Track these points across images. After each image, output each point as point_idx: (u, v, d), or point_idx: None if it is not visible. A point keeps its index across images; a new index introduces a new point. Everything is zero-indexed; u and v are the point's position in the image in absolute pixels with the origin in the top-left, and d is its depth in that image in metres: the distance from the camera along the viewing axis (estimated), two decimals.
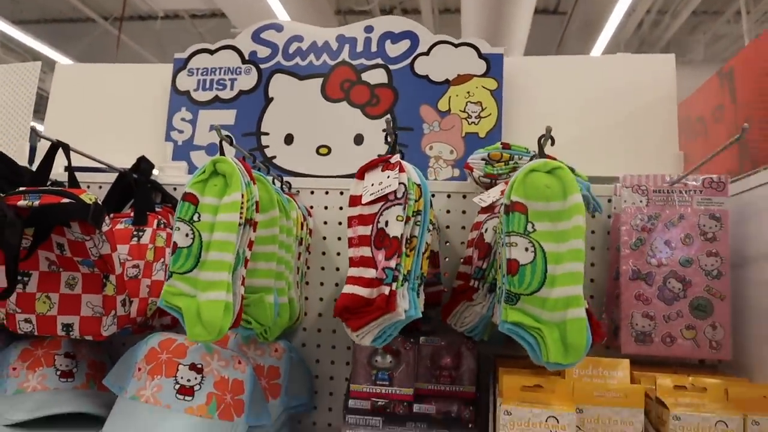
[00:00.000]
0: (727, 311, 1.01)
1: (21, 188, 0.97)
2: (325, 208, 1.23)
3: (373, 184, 0.83)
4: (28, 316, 1.01)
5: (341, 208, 1.22)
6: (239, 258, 0.86)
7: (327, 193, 1.23)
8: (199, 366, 0.93)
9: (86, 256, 0.98)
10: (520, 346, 0.77)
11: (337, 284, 1.21)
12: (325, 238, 1.22)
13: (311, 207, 1.23)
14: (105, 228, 0.95)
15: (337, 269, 1.21)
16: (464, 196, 1.18)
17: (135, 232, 1.14)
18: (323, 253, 1.22)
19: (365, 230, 0.82)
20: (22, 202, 0.92)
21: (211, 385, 0.92)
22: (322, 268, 1.22)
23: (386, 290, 0.78)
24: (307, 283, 1.22)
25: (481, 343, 1.01)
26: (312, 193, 1.23)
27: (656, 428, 0.86)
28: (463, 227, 1.17)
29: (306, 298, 1.21)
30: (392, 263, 0.79)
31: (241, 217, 0.85)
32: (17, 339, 1.20)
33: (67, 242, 0.98)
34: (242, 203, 0.85)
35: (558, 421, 0.78)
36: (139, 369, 0.94)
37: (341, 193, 1.22)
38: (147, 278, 1.10)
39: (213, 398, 0.92)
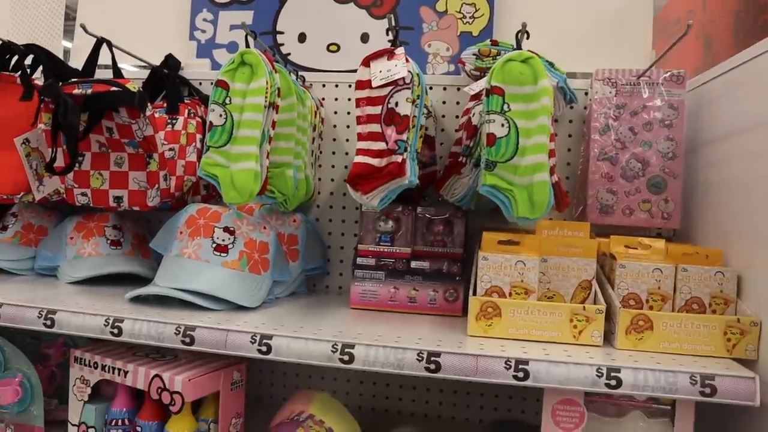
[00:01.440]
0: (678, 188, 1.18)
1: (74, 79, 1.13)
2: (335, 99, 1.38)
3: (381, 71, 0.98)
4: (84, 190, 1.20)
5: (349, 100, 1.37)
6: (264, 135, 1.03)
7: (337, 86, 1.38)
8: (232, 229, 1.12)
9: (132, 137, 1.15)
10: (503, 218, 0.95)
11: (346, 167, 1.38)
12: (335, 126, 1.39)
13: (323, 99, 1.38)
14: (148, 112, 1.12)
15: (346, 153, 1.38)
16: (458, 89, 1.33)
17: (169, 120, 1.30)
18: (334, 140, 1.39)
19: (374, 110, 0.99)
20: (77, 91, 1.08)
21: (242, 244, 1.11)
22: (333, 153, 1.39)
23: (398, 159, 0.95)
24: (320, 165, 1.39)
25: (470, 214, 1.19)
26: (323, 86, 1.38)
27: (607, 277, 1.05)
28: (457, 116, 1.33)
29: (319, 179, 1.39)
30: (404, 136, 0.96)
31: (265, 100, 1.01)
32: (70, 215, 1.39)
33: (115, 126, 1.15)
34: (266, 88, 1.01)
35: (525, 265, 0.97)
36: (181, 233, 1.12)
37: (349, 86, 1.37)
38: (182, 159, 1.27)
39: (244, 255, 1.11)
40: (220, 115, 1.02)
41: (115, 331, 0.97)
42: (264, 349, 0.91)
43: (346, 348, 0.88)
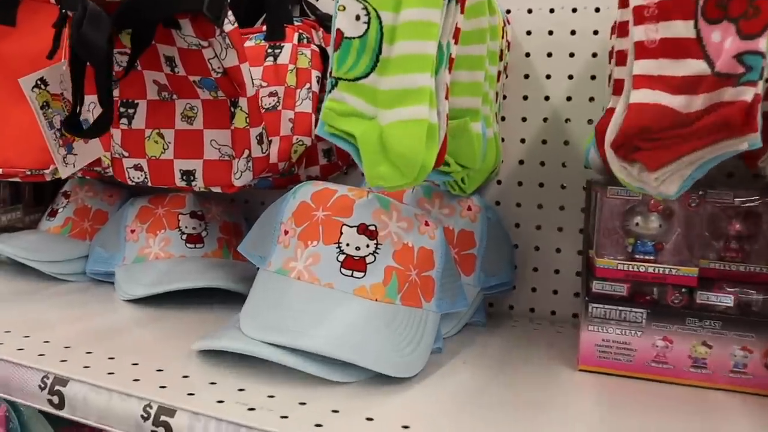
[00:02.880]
0: None
1: None
2: (529, 11, 0.85)
3: None
4: (138, 161, 0.75)
5: (552, 11, 0.84)
6: (443, 53, 0.52)
7: None
8: (372, 228, 0.63)
9: (206, 72, 0.68)
10: None
11: (545, 119, 0.85)
12: (528, 54, 0.86)
13: (508, 12, 0.85)
14: (228, 27, 0.64)
15: (546, 98, 0.85)
16: None
17: (269, 50, 0.83)
18: (526, 77, 0.86)
19: None
20: None
21: (389, 255, 0.63)
22: (525, 98, 0.86)
23: (746, 94, 0.42)
24: (503, 118, 0.87)
25: None
26: None
27: None
28: None
29: (502, 140, 0.87)
30: (759, 44, 0.42)
31: None
32: (135, 195, 0.96)
33: (178, 53, 0.68)
34: None
35: None
36: (286, 232, 0.65)
37: None
38: (289, 110, 0.79)
39: (393, 275, 0.62)
40: (358, 17, 0.52)
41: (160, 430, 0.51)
42: None
43: None
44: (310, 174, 0.89)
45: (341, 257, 0.62)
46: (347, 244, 0.62)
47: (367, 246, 0.62)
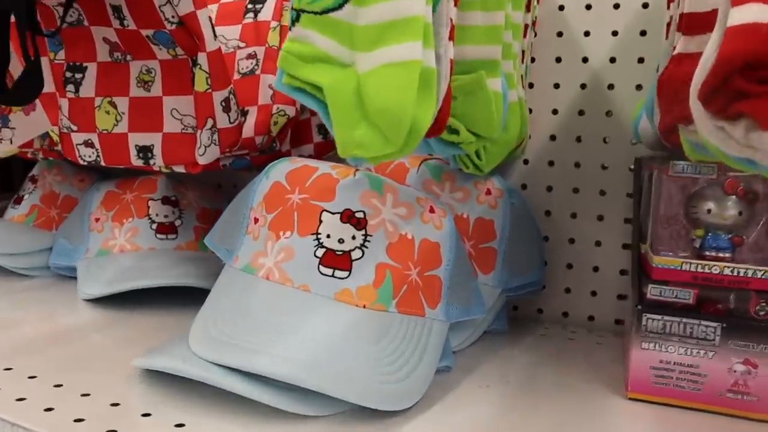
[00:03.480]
0: None
1: None
2: None
3: None
4: (88, 135, 0.62)
5: None
6: None
7: None
8: (360, 215, 0.49)
9: (159, 23, 0.55)
10: None
11: (583, 86, 0.70)
12: (562, 8, 0.71)
13: None
14: None
15: (584, 60, 0.70)
16: None
17: (250, 6, 0.69)
18: (559, 34, 0.71)
19: None
20: None
21: (382, 250, 0.49)
22: (557, 60, 0.71)
23: None
24: (531, 85, 0.72)
25: None
26: None
27: None
28: None
29: (530, 111, 0.72)
30: None
31: None
32: (104, 179, 0.83)
33: (124, 2, 0.55)
34: None
35: None
36: (256, 220, 0.52)
37: None
38: (269, 74, 0.66)
39: (387, 274, 0.48)
40: None
41: None
42: None
43: None
44: (303, 153, 0.76)
45: (320, 252, 0.48)
46: (328, 236, 0.48)
47: (353, 238, 0.48)
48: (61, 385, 0.48)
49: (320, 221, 0.49)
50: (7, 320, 0.63)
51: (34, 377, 0.49)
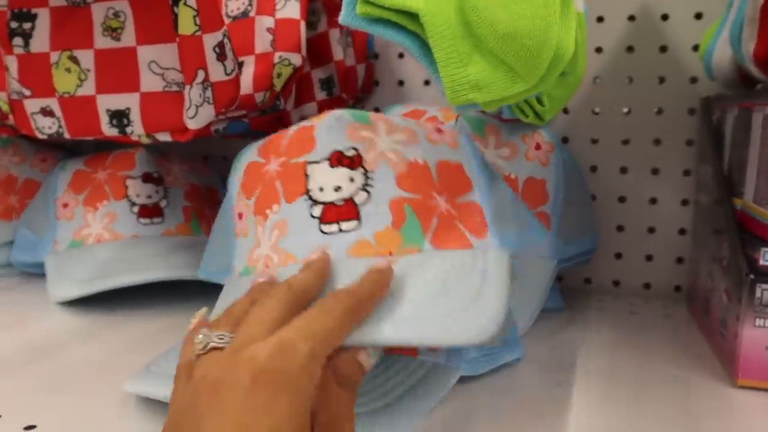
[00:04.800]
0: None
1: None
2: None
3: None
4: (46, 101, 0.50)
5: None
6: None
7: None
8: (352, 153, 0.40)
9: None
10: None
11: (632, 18, 0.60)
12: None
13: None
14: None
15: None
16: None
17: None
18: None
19: None
20: None
21: (391, 182, 0.39)
22: None
23: None
24: None
25: None
26: None
27: None
28: None
29: None
30: None
31: None
32: (71, 157, 0.71)
33: None
34: None
35: None
36: (240, 216, 0.44)
37: None
38: (266, 16, 0.54)
39: (406, 209, 0.39)
40: None
41: None
42: None
43: None
44: (304, 113, 0.64)
45: (316, 210, 0.39)
46: (320, 189, 0.39)
47: (351, 180, 0.39)
48: (39, 412, 0.37)
49: (306, 176, 0.40)
50: None
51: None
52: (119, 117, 0.48)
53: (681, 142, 0.60)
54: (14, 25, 0.49)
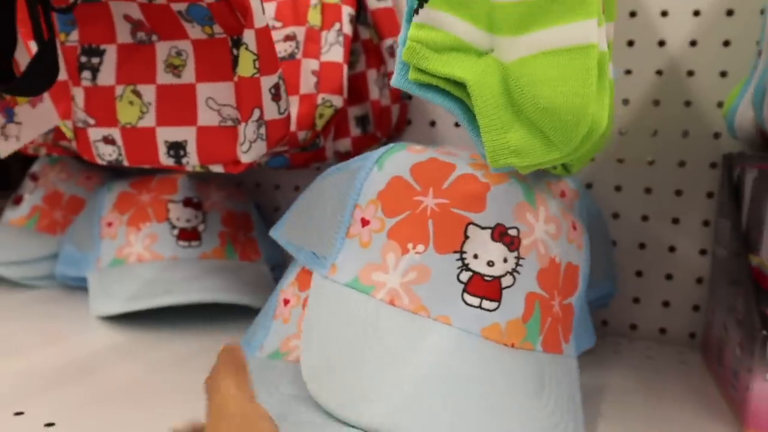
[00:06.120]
0: None
1: None
2: None
3: None
4: (108, 131, 0.53)
5: None
6: None
7: None
8: (513, 233, 0.40)
9: None
10: None
11: (659, 72, 0.63)
12: None
13: None
14: None
15: (661, 43, 0.63)
16: None
17: None
18: (632, 15, 0.63)
19: None
20: None
21: (533, 276, 0.40)
22: (630, 44, 0.64)
23: None
24: None
25: None
26: None
27: None
28: None
29: None
30: None
31: None
32: (116, 178, 0.75)
33: None
34: None
35: None
36: (365, 222, 0.42)
37: None
38: (312, 59, 0.57)
39: (535, 307, 0.40)
40: None
41: None
42: None
43: None
44: (339, 149, 0.68)
45: (465, 275, 0.39)
46: (475, 256, 0.39)
47: (505, 260, 0.39)
48: (88, 423, 0.40)
49: (466, 237, 0.39)
50: (11, 345, 0.55)
51: (52, 425, 0.41)
52: (176, 148, 0.51)
53: (701, 194, 0.63)
54: (83, 59, 0.52)
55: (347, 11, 0.60)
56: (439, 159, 0.41)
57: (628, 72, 0.64)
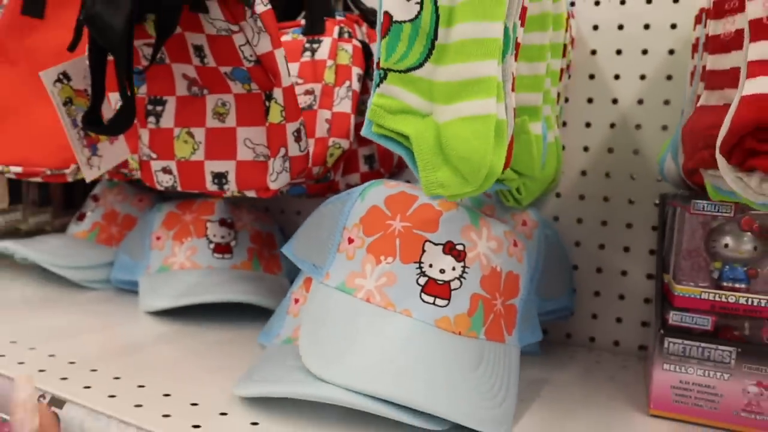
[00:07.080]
0: None
1: None
2: (596, 3, 0.76)
3: None
4: (167, 163, 0.69)
5: (623, 3, 0.75)
6: (509, 37, 0.44)
7: None
8: (460, 248, 0.53)
9: (237, 61, 0.62)
10: None
11: (613, 125, 0.76)
12: (594, 52, 0.77)
13: (572, 5, 0.77)
14: (260, 8, 0.58)
15: (614, 101, 0.76)
16: None
17: (307, 45, 0.76)
18: (591, 77, 0.77)
19: None
20: None
21: (477, 281, 0.53)
22: (589, 101, 0.78)
23: None
24: (564, 123, 0.79)
25: None
26: None
27: None
28: None
29: (563, 147, 0.78)
30: None
31: None
32: (164, 201, 0.90)
33: (207, 41, 0.62)
34: None
35: None
36: (351, 240, 0.54)
37: None
38: (326, 109, 0.72)
39: (479, 304, 0.53)
40: None
41: None
42: None
43: None
44: (349, 182, 0.82)
45: (422, 280, 0.51)
46: (430, 265, 0.52)
47: (453, 269, 0.52)
48: (144, 386, 0.54)
49: (423, 251, 0.52)
50: (75, 330, 0.69)
51: (118, 378, 0.56)
52: (219, 177, 0.66)
53: (647, 227, 0.75)
54: (150, 107, 0.68)
55: (356, 71, 0.75)
56: (406, 192, 0.55)
57: (588, 125, 0.78)
